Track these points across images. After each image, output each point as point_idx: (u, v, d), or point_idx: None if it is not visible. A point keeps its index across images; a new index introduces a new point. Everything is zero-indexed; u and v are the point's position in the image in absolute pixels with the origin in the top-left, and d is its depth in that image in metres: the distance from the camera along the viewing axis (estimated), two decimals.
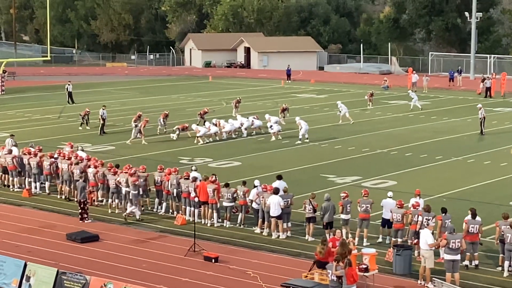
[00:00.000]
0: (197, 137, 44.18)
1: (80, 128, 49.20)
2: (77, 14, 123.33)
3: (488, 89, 66.59)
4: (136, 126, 44.33)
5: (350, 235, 25.07)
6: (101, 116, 47.44)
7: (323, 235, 24.03)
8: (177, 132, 45.23)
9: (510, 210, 26.45)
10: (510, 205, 29.96)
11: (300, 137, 44.11)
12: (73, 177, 30.97)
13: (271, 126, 45.44)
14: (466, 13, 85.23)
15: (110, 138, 46.17)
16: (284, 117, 50.71)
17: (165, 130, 47.11)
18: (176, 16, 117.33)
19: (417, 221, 23.84)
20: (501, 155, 40.51)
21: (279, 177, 28.53)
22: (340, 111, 51.63)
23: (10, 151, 34.11)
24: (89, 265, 23.38)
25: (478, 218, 23.41)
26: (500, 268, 23.00)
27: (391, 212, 24.95)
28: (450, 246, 21.53)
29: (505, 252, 22.73)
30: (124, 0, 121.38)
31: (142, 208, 29.49)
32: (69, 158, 31.98)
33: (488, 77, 71.32)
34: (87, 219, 28.33)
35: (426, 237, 22.08)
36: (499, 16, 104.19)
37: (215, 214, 27.83)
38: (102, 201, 30.83)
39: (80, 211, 28.42)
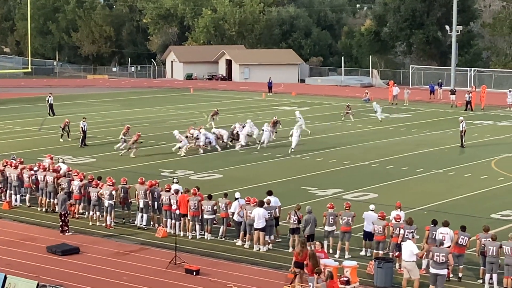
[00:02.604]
0: (179, 148, 44.14)
1: (61, 140, 48.99)
2: (58, 26, 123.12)
3: (468, 103, 66.92)
4: (125, 140, 44.13)
5: (325, 247, 25.03)
6: (82, 128, 47.24)
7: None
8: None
9: (491, 223, 26.61)
10: (491, 217, 30.10)
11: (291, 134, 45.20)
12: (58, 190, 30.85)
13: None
14: (447, 27, 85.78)
15: (91, 150, 45.98)
16: (276, 132, 49.48)
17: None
18: (158, 28, 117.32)
19: (399, 234, 23.88)
20: (481, 168, 40.69)
21: (270, 193, 27.93)
22: (297, 121, 50.45)
23: None
24: (69, 277, 23.21)
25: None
26: (481, 281, 23.06)
27: (373, 224, 24.98)
28: (435, 259, 21.56)
29: (486, 264, 22.78)
30: (105, 12, 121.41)
31: (123, 221, 29.54)
32: (55, 171, 31.78)
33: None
34: (67, 231, 28.19)
35: (411, 248, 22.11)
36: (479, 29, 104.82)
37: (197, 226, 27.76)
38: (83, 213, 30.70)
39: (60, 223, 28.29)
